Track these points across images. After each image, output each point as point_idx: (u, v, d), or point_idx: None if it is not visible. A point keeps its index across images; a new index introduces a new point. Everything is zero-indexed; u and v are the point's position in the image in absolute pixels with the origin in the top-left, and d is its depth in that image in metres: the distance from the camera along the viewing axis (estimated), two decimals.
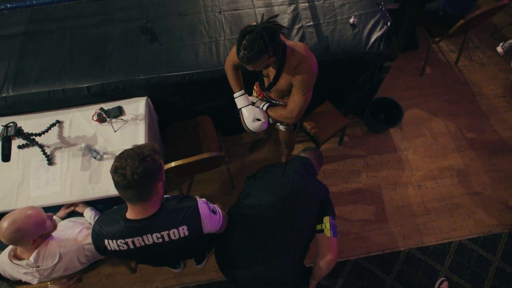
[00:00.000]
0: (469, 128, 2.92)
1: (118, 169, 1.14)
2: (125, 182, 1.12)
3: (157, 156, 1.20)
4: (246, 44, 1.38)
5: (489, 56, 3.25)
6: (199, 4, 2.35)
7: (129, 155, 1.15)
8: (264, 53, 1.40)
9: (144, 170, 1.13)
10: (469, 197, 2.66)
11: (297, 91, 1.65)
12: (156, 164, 1.19)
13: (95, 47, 2.20)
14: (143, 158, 1.15)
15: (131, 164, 1.13)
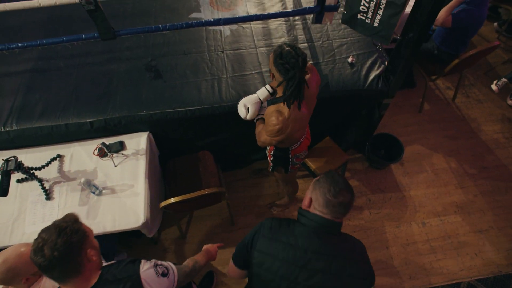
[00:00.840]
0: (470, 164, 2.91)
1: (36, 250, 1.04)
2: (47, 262, 1.02)
3: (77, 224, 1.12)
4: (282, 52, 1.49)
5: (485, 93, 3.32)
6: (203, 44, 2.44)
7: (46, 231, 1.07)
8: (278, 71, 1.51)
9: (65, 243, 1.04)
10: (476, 235, 2.59)
11: (265, 129, 1.67)
12: (78, 233, 1.09)
13: (100, 84, 2.25)
14: (61, 231, 1.06)
15: (49, 240, 1.04)
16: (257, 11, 2.64)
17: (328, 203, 1.19)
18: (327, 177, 1.23)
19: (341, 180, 1.22)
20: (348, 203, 1.20)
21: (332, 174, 1.25)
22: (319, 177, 1.26)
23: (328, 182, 1.21)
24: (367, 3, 1.91)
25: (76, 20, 2.55)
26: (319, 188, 1.22)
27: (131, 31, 2.00)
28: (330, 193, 1.19)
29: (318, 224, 1.21)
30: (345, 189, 1.20)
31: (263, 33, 2.49)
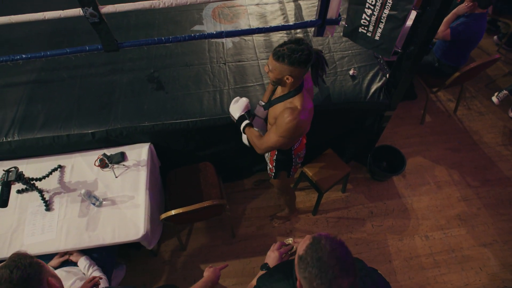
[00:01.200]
0: (473, 176, 2.89)
1: None
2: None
3: (28, 258, 1.08)
4: (292, 47, 1.42)
5: (486, 105, 3.33)
6: (205, 56, 2.46)
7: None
8: (295, 65, 1.44)
9: (21, 278, 1.02)
10: (480, 249, 2.55)
11: (274, 131, 1.61)
12: (31, 265, 1.07)
13: (103, 95, 2.26)
14: (14, 267, 1.03)
15: (3, 279, 1.01)
16: (259, 24, 2.67)
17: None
18: (313, 255, 0.91)
19: (332, 262, 0.89)
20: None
21: (319, 249, 0.91)
22: (304, 252, 0.94)
23: (314, 273, 0.89)
24: (368, 17, 1.93)
25: (80, 33, 2.57)
26: (304, 278, 0.92)
27: (134, 43, 2.02)
28: (319, 286, 0.89)
29: None
30: (340, 276, 0.88)
31: (265, 45, 2.51)
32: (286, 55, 1.43)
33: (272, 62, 1.48)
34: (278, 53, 1.45)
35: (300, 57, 1.44)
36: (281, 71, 1.48)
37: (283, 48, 1.44)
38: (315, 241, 0.94)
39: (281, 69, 1.48)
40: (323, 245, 0.92)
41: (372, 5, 1.87)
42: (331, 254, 0.90)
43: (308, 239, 0.96)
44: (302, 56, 1.43)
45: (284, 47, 1.45)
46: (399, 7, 1.76)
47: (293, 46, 1.44)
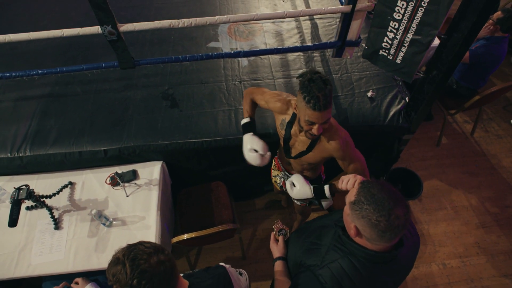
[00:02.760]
0: (492, 202, 2.79)
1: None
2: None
3: (168, 263, 1.00)
4: (318, 86, 1.29)
5: (504, 128, 3.25)
6: (220, 74, 2.43)
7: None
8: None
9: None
10: (501, 280, 2.44)
11: (346, 163, 1.58)
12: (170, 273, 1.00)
13: (116, 111, 2.24)
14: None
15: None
16: (275, 41, 2.65)
17: (383, 235, 0.96)
18: (366, 198, 0.97)
19: (385, 195, 0.96)
20: (404, 221, 0.96)
21: (370, 188, 0.98)
22: (355, 198, 1.00)
23: (372, 208, 0.96)
24: (390, 40, 1.89)
25: (94, 47, 2.57)
26: (362, 217, 0.98)
27: (151, 61, 1.99)
28: (380, 224, 0.95)
29: (380, 260, 1.05)
30: (395, 206, 0.94)
31: (281, 64, 2.48)
32: (329, 93, 1.32)
33: (327, 113, 1.36)
34: (326, 101, 1.31)
35: (329, 81, 1.36)
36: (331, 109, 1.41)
37: (321, 96, 1.30)
38: (364, 185, 1.01)
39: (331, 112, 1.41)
40: (372, 185, 0.99)
41: (394, 29, 1.83)
42: (382, 190, 0.97)
43: (355, 188, 1.03)
44: (328, 79, 1.36)
45: (319, 95, 1.30)
46: (423, 32, 1.72)
47: (316, 85, 1.30)
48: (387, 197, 0.95)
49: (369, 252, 1.05)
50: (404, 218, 0.95)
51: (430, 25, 1.67)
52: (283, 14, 1.79)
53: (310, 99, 1.30)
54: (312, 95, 1.30)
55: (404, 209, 0.96)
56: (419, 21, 1.70)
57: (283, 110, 1.65)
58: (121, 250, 1.00)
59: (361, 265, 1.08)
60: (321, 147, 1.58)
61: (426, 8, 1.64)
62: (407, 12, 1.71)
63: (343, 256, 1.11)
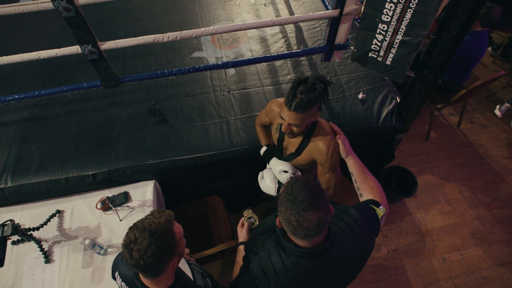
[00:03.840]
0: (484, 192, 2.84)
1: (126, 246, 1.04)
2: (132, 262, 1.03)
3: (171, 231, 1.07)
4: (304, 89, 1.33)
5: (488, 118, 3.32)
6: (208, 84, 2.36)
7: (139, 231, 1.03)
8: (319, 99, 1.38)
9: (154, 254, 1.02)
10: (499, 269, 2.48)
11: (324, 170, 1.58)
12: (170, 242, 1.05)
13: (102, 131, 2.13)
14: (154, 238, 1.02)
15: (140, 245, 1.01)
16: (260, 48, 2.60)
17: (295, 232, 1.00)
18: (286, 195, 1.01)
19: (305, 196, 0.98)
20: (317, 224, 0.97)
21: (293, 186, 1.01)
22: (281, 191, 1.04)
23: (288, 200, 0.99)
24: (379, 42, 1.88)
25: (73, 64, 2.45)
26: (280, 212, 1.02)
27: (136, 78, 1.91)
28: (291, 222, 0.98)
29: (301, 254, 1.06)
30: (309, 209, 0.97)
31: (268, 70, 2.43)
32: (309, 99, 1.34)
33: (298, 117, 1.37)
34: (300, 104, 1.34)
35: (318, 92, 1.38)
36: (309, 117, 1.41)
37: (300, 97, 1.34)
38: (291, 181, 1.04)
39: (310, 115, 1.40)
40: (297, 183, 1.02)
41: (383, 31, 1.81)
42: (304, 190, 1.00)
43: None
44: (319, 89, 1.37)
45: (298, 96, 1.34)
46: (413, 33, 1.71)
47: (302, 88, 1.34)
48: (306, 198, 0.98)
49: (288, 245, 1.07)
50: (316, 221, 0.97)
51: (419, 26, 1.66)
52: (270, 23, 1.74)
53: (289, 95, 1.36)
54: (293, 93, 1.35)
55: (319, 213, 0.98)
56: (408, 23, 1.69)
57: (277, 112, 1.64)
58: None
59: (285, 256, 1.10)
60: (309, 149, 1.57)
61: (414, 10, 1.63)
62: (396, 14, 1.70)
63: (274, 246, 1.14)
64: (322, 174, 1.62)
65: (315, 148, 1.55)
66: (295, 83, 1.37)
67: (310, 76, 1.38)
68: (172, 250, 1.07)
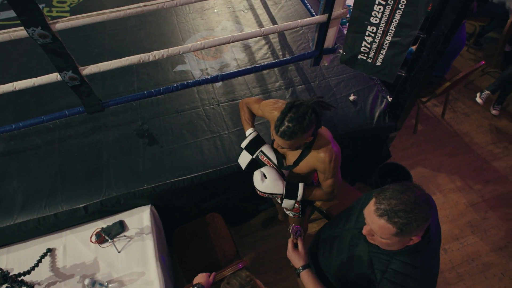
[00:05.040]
0: (473, 179, 2.92)
1: None
2: None
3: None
4: (294, 117, 1.27)
5: (469, 106, 3.41)
6: (195, 99, 2.28)
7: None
8: (310, 128, 1.31)
9: None
10: (497, 254, 2.55)
11: (326, 176, 1.53)
12: None
13: (88, 159, 2.01)
14: None
15: None
16: (245, 56, 2.54)
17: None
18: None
19: (403, 198, 0.99)
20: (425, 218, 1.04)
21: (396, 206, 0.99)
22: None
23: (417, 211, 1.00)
24: (369, 44, 1.86)
25: (48, 87, 2.29)
26: (417, 226, 1.02)
27: (121, 100, 1.80)
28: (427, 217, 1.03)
29: (421, 247, 1.09)
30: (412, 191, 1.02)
31: (256, 79, 2.38)
32: (295, 129, 1.28)
33: (286, 142, 1.33)
34: (286, 132, 1.28)
35: (308, 122, 1.30)
36: (300, 141, 1.35)
37: (286, 125, 1.28)
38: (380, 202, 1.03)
39: (299, 141, 1.34)
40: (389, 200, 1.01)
41: (372, 33, 1.80)
42: (395, 195, 1.01)
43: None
44: (309, 119, 1.29)
45: (285, 123, 1.28)
46: (402, 34, 1.70)
47: (292, 115, 1.28)
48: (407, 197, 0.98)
49: (424, 239, 1.05)
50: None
51: (409, 26, 1.65)
52: (260, 33, 1.68)
53: (278, 120, 1.31)
54: (281, 119, 1.29)
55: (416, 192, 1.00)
56: (397, 23, 1.67)
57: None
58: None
59: (410, 259, 1.07)
60: (309, 159, 1.52)
61: (404, 10, 1.61)
62: (385, 15, 1.68)
63: (390, 260, 1.10)
64: (324, 180, 1.57)
65: (316, 157, 1.50)
66: (286, 108, 1.30)
67: (303, 103, 1.30)
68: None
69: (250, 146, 1.64)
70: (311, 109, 1.30)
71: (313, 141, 1.49)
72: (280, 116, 1.31)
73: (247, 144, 1.64)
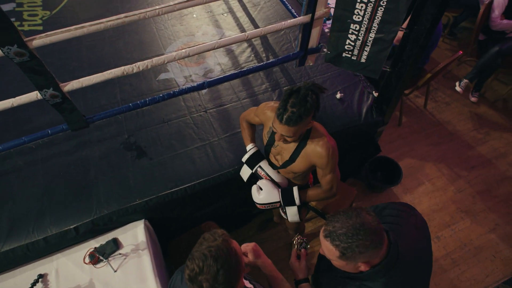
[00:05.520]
0: (459, 166, 3.00)
1: (193, 279, 0.97)
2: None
3: (232, 250, 1.02)
4: (295, 102, 1.28)
5: (449, 94, 3.51)
6: (182, 107, 2.24)
7: (201, 260, 0.97)
8: (311, 111, 1.32)
9: (225, 279, 0.97)
10: (487, 236, 2.63)
11: (325, 172, 1.53)
12: (235, 262, 1.01)
13: (75, 177, 1.93)
14: (220, 263, 0.97)
15: (207, 274, 0.96)
16: (228, 60, 2.52)
17: (377, 246, 1.03)
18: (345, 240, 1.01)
19: (348, 224, 1.01)
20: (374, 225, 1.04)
21: (334, 233, 1.02)
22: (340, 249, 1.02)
23: (359, 238, 1.00)
24: (353, 42, 1.87)
25: (26, 106, 2.18)
26: (360, 252, 1.01)
27: (106, 114, 1.74)
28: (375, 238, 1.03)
29: (390, 263, 1.06)
30: (359, 216, 1.03)
31: (242, 83, 2.36)
32: (300, 112, 1.28)
33: (290, 129, 1.32)
34: (291, 118, 1.28)
35: (311, 104, 1.32)
36: (303, 127, 1.35)
37: (291, 111, 1.28)
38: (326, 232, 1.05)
39: (302, 126, 1.34)
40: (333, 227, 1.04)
41: (356, 31, 1.81)
42: (339, 221, 1.03)
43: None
44: (311, 101, 1.31)
45: (289, 109, 1.29)
46: (385, 30, 1.72)
47: (294, 100, 1.29)
48: (352, 221, 1.00)
49: (376, 267, 1.04)
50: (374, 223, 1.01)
51: (391, 22, 1.67)
52: (244, 37, 1.66)
53: (280, 107, 1.31)
54: (283, 106, 1.30)
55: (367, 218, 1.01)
56: (380, 20, 1.69)
57: (271, 117, 1.57)
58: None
59: (377, 284, 1.06)
60: (306, 154, 1.52)
61: (385, 7, 1.63)
62: (367, 13, 1.70)
63: (358, 286, 1.09)
64: (323, 176, 1.57)
65: (313, 152, 1.49)
66: (286, 94, 1.31)
67: (301, 87, 1.32)
68: (239, 269, 1.04)
69: (250, 160, 1.66)
70: (310, 91, 1.31)
71: (309, 133, 1.49)
72: (281, 104, 1.31)
73: (247, 159, 1.66)
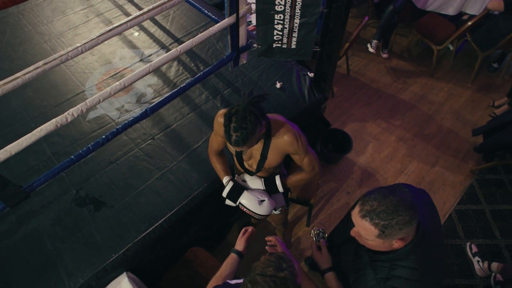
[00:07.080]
0: (392, 118, 3.31)
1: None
2: None
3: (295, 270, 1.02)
4: (236, 126, 1.25)
5: (364, 57, 3.83)
6: (125, 142, 2.06)
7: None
8: (257, 127, 1.29)
9: None
10: (433, 169, 2.97)
11: (301, 156, 1.55)
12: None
13: (32, 256, 1.68)
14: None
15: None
16: (157, 79, 2.39)
17: (412, 222, 1.06)
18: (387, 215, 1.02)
19: (388, 201, 1.03)
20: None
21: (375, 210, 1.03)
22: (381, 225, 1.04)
23: (399, 214, 1.03)
24: (280, 31, 1.92)
25: None
26: (400, 229, 1.03)
27: (47, 176, 1.52)
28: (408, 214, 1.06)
29: (419, 243, 1.11)
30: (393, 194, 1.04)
31: (181, 99, 2.26)
32: (243, 135, 1.26)
33: (244, 147, 1.31)
34: (238, 141, 1.27)
35: (253, 120, 1.26)
36: (256, 137, 1.33)
37: (235, 135, 1.26)
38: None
39: (255, 137, 1.32)
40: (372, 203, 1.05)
41: (281, 20, 1.85)
42: (378, 198, 1.04)
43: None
44: (251, 119, 1.26)
45: (233, 134, 1.27)
46: (307, 13, 1.79)
47: (234, 125, 1.26)
48: (389, 199, 1.02)
49: (409, 245, 1.08)
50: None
51: (311, 5, 1.75)
52: (177, 52, 1.58)
53: (227, 135, 1.30)
54: (227, 132, 1.29)
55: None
56: (301, 6, 1.75)
57: None
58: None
59: (409, 262, 1.10)
60: (276, 146, 1.52)
61: None
62: (288, 1, 1.74)
63: (390, 267, 1.12)
64: (301, 160, 1.58)
65: (282, 142, 1.50)
66: (226, 120, 1.27)
67: (239, 108, 1.26)
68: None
69: (231, 194, 1.62)
70: (248, 111, 1.26)
71: (270, 127, 1.48)
72: (225, 130, 1.29)
73: (227, 193, 1.62)
